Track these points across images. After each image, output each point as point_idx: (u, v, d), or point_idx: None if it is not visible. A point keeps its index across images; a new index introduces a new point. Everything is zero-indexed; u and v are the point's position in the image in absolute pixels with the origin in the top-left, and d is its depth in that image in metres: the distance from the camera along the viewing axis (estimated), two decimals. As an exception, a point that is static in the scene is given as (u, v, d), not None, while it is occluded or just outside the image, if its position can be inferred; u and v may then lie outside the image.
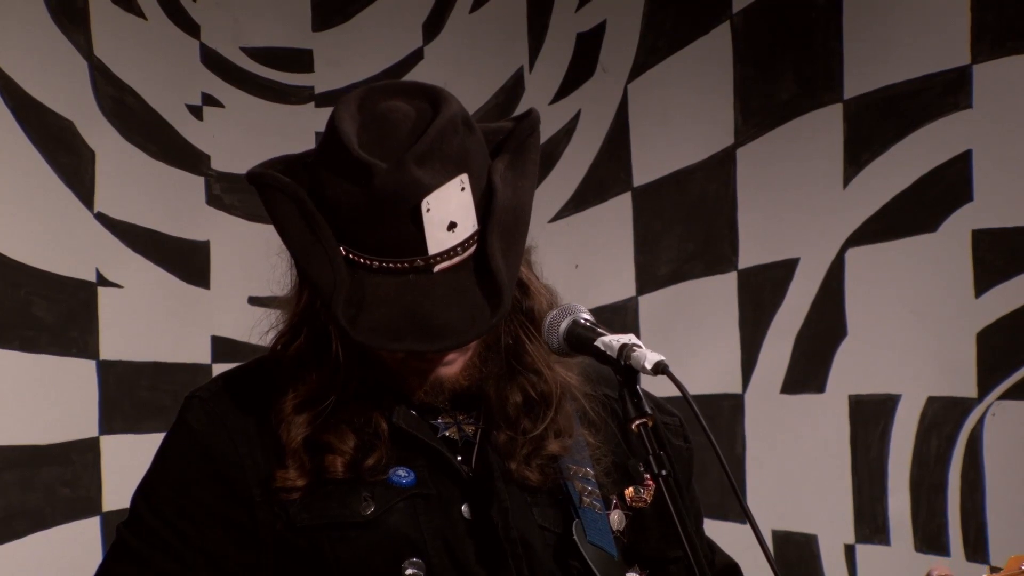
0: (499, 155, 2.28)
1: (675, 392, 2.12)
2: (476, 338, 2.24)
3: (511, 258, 2.22)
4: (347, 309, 2.17)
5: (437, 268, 2.17)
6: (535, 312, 2.33)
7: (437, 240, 2.16)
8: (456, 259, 2.18)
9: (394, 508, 2.28)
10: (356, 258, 2.19)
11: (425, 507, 2.30)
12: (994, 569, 2.26)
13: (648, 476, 2.12)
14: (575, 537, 2.32)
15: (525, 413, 2.36)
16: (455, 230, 2.17)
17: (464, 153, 2.20)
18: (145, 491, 2.38)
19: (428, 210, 2.14)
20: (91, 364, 4.50)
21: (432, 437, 2.33)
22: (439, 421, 2.36)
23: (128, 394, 4.58)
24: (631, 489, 2.36)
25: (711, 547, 2.61)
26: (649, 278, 4.90)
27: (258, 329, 2.42)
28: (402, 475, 2.30)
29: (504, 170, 2.25)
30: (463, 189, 2.17)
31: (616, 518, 2.38)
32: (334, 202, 2.19)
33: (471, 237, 2.19)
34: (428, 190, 2.14)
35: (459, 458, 2.34)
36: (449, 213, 2.16)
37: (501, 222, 2.21)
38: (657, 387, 2.34)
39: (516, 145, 2.29)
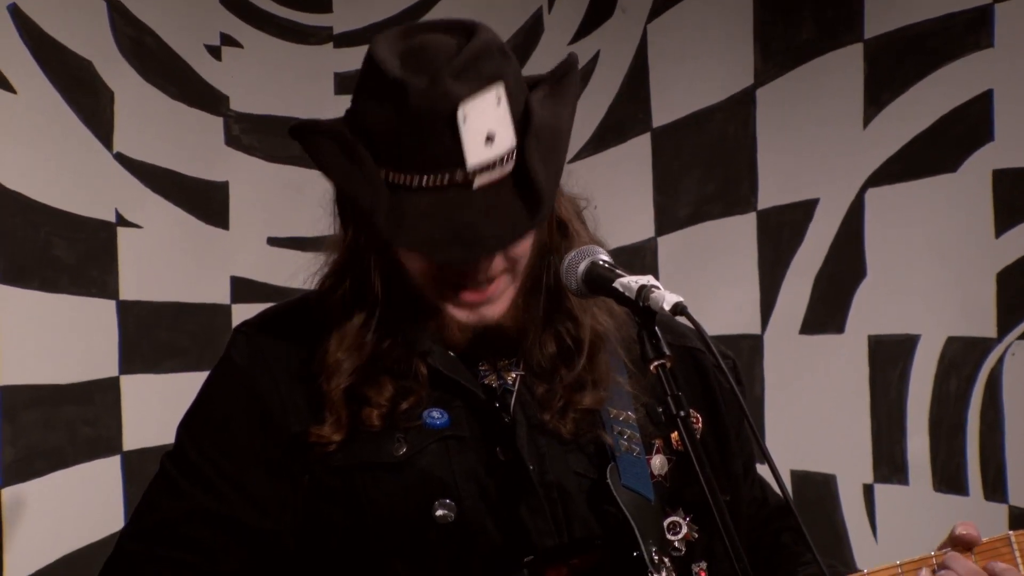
0: (537, 88, 2.28)
1: (694, 333, 2.12)
2: (516, 240, 2.24)
3: (551, 169, 2.22)
4: (389, 224, 2.17)
5: (477, 184, 2.17)
6: None
7: (475, 152, 2.15)
8: (496, 173, 2.18)
9: (426, 449, 2.29)
10: (396, 179, 2.19)
11: (458, 448, 2.31)
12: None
13: (665, 417, 2.12)
14: (608, 481, 2.32)
15: (561, 362, 2.36)
16: (493, 143, 2.16)
17: (501, 73, 2.19)
18: (188, 424, 2.41)
19: (464, 119, 2.13)
20: (111, 304, 4.51)
21: (471, 380, 2.34)
22: (479, 368, 2.37)
23: (147, 334, 4.59)
24: (677, 433, 2.35)
25: (762, 486, 2.61)
26: (668, 219, 4.89)
27: (292, 271, 2.45)
28: (436, 416, 2.31)
29: (543, 98, 2.26)
30: (499, 102, 2.17)
31: (658, 463, 2.38)
32: (372, 126, 2.20)
33: (510, 152, 2.19)
34: (463, 99, 2.14)
35: (496, 404, 2.34)
36: (486, 124, 2.15)
37: (540, 138, 2.21)
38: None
39: (554, 80, 2.30)
